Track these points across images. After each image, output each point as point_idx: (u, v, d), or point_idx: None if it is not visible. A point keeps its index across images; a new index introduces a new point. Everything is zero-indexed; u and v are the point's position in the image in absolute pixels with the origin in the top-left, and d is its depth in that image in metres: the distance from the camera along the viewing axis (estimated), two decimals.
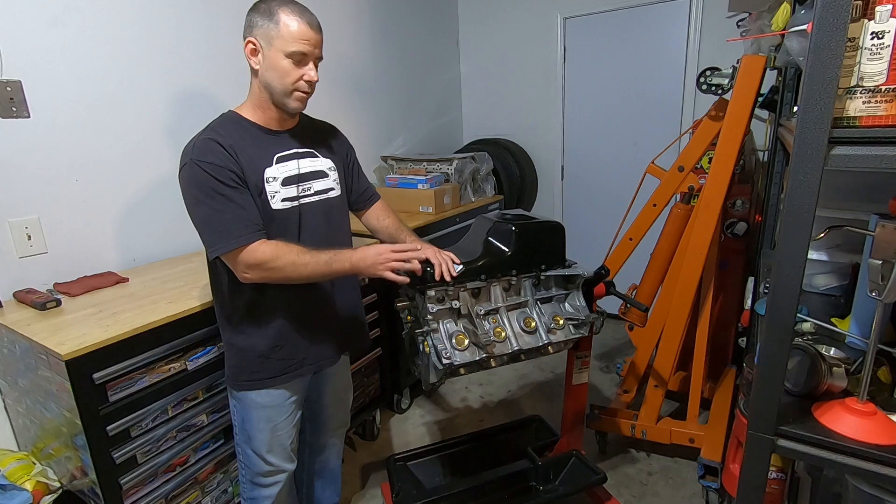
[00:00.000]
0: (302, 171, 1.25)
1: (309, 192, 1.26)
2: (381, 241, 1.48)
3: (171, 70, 1.89)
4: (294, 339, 1.29)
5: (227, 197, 1.12)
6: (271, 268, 1.14)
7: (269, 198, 1.19)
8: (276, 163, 1.21)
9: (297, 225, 1.24)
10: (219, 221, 1.12)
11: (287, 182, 1.22)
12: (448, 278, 1.32)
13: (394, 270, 1.20)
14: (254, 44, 1.16)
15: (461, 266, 1.36)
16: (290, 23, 1.12)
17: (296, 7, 1.15)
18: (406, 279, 1.24)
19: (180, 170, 1.15)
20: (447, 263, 1.33)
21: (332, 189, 1.33)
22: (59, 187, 1.62)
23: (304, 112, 1.36)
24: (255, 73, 1.19)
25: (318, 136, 1.35)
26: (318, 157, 1.30)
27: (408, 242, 1.44)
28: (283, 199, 1.21)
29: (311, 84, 1.20)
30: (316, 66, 1.20)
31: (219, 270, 1.24)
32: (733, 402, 2.04)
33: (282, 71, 1.15)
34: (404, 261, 1.21)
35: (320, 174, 1.30)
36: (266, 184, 1.19)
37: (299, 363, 1.31)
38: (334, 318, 1.37)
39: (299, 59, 1.15)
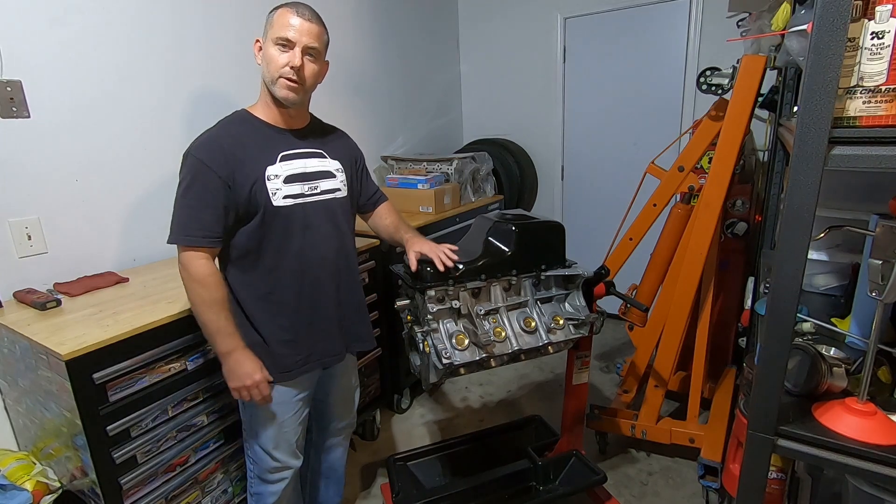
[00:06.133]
0: (308, 169, 1.27)
1: (315, 192, 1.28)
2: (381, 240, 1.51)
3: (172, 70, 1.89)
4: (300, 334, 1.31)
5: (196, 196, 1.16)
6: (190, 287, 1.18)
7: (271, 195, 1.21)
8: (280, 161, 1.23)
9: (301, 223, 1.26)
10: (180, 214, 1.17)
11: (291, 180, 1.24)
12: (450, 265, 1.33)
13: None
14: (259, 42, 1.22)
15: (461, 266, 1.36)
16: (282, 13, 1.18)
17: (295, 4, 1.20)
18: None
19: (182, 158, 1.20)
20: (445, 254, 1.34)
21: (339, 190, 1.34)
22: (59, 187, 1.62)
23: (315, 115, 1.39)
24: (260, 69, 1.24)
25: (327, 139, 1.37)
26: (325, 157, 1.32)
27: (405, 240, 1.46)
28: (286, 197, 1.23)
29: (296, 71, 1.18)
30: (313, 57, 1.21)
31: (228, 266, 1.27)
32: (733, 402, 2.04)
33: (268, 58, 1.19)
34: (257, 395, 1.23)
35: (327, 174, 1.32)
36: (267, 181, 1.20)
37: (304, 359, 1.32)
38: (339, 316, 1.38)
39: (284, 43, 1.17)
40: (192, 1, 1.93)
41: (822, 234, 1.00)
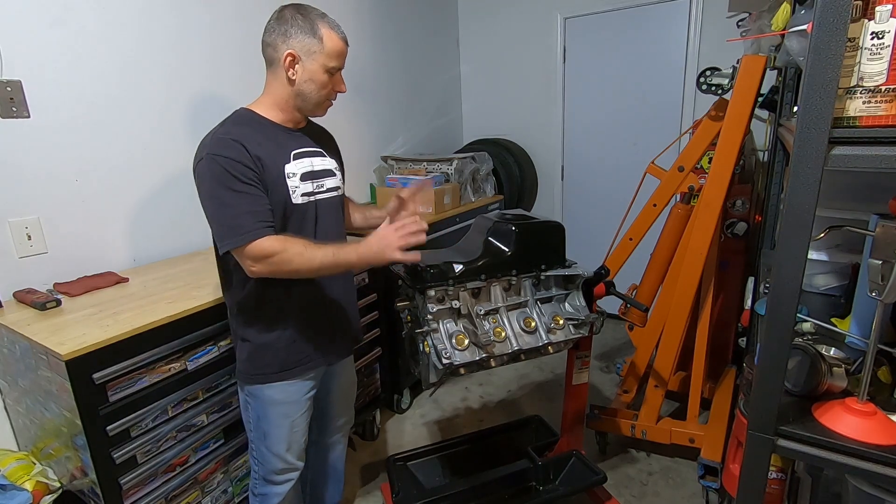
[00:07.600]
0: (315, 168, 1.29)
1: (322, 189, 1.31)
2: (354, 229, 1.53)
3: (172, 70, 1.89)
4: (305, 334, 1.31)
5: (239, 192, 1.13)
6: (279, 260, 1.13)
7: (291, 192, 1.22)
8: (294, 159, 1.24)
9: (314, 220, 1.28)
10: (230, 216, 1.12)
11: (304, 178, 1.26)
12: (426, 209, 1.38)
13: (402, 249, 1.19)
14: (293, 56, 1.18)
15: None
16: (332, 39, 1.19)
17: (332, 21, 1.21)
18: (417, 256, 1.21)
19: (196, 164, 1.16)
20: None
21: (339, 188, 1.37)
22: (59, 187, 1.61)
23: None
24: (290, 81, 1.21)
25: (322, 138, 1.40)
26: (325, 156, 1.34)
27: (379, 215, 1.46)
28: (303, 194, 1.25)
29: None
30: None
31: (229, 265, 1.26)
32: (733, 402, 2.04)
33: (321, 83, 1.22)
34: (410, 236, 1.19)
35: (329, 172, 1.34)
36: (287, 179, 1.22)
37: (309, 356, 1.33)
38: (340, 315, 1.40)
39: (335, 72, 1.23)
40: (194, 1, 1.93)
41: (822, 234, 1.00)
